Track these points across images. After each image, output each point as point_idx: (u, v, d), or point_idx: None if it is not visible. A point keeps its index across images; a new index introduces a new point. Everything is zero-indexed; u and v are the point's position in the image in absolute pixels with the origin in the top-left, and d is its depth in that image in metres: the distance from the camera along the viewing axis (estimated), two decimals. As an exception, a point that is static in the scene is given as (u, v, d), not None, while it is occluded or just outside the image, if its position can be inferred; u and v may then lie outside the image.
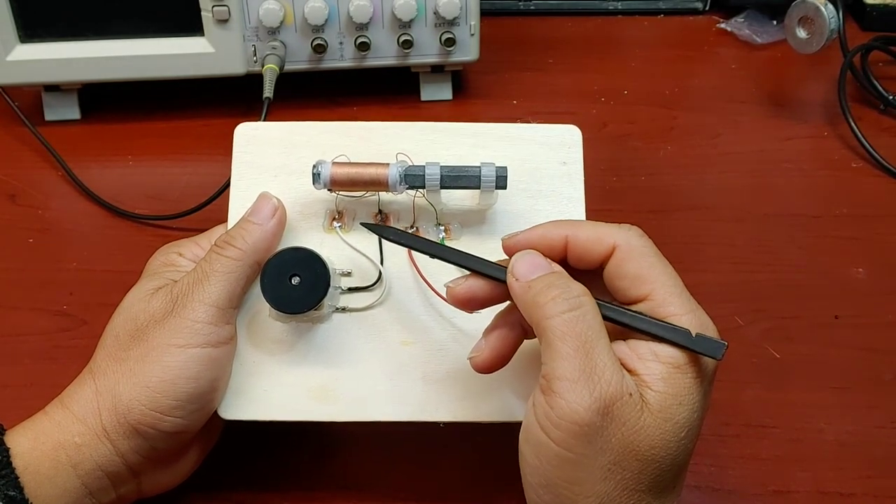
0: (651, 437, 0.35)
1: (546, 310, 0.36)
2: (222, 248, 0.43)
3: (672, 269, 0.38)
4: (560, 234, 0.39)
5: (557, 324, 0.36)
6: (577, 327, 0.35)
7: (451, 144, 0.47)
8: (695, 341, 0.36)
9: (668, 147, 0.70)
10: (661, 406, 0.35)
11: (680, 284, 0.38)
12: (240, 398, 0.44)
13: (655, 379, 0.36)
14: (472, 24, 0.69)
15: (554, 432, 0.35)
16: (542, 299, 0.37)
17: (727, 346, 0.36)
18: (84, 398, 0.42)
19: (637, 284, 0.38)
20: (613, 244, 0.38)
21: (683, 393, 0.36)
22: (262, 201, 0.45)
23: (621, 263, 0.38)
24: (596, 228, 0.39)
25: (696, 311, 0.37)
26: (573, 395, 0.34)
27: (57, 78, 0.69)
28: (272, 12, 0.66)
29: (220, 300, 0.42)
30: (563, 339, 0.35)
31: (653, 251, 0.38)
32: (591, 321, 0.36)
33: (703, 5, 0.85)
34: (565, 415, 0.34)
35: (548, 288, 0.37)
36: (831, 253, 0.61)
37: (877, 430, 0.50)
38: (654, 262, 0.38)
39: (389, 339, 0.44)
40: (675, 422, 0.35)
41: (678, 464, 0.36)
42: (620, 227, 0.39)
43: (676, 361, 0.36)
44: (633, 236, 0.39)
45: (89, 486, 0.41)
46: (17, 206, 0.66)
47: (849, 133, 0.69)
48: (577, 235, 0.39)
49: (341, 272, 0.45)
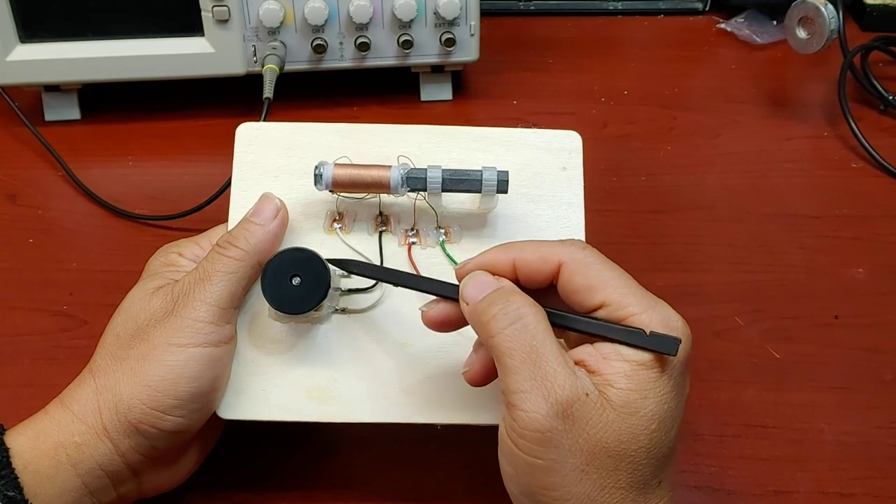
0: (618, 432, 0.35)
1: (489, 328, 0.37)
2: (225, 248, 0.43)
3: (622, 272, 0.39)
4: (507, 259, 0.40)
5: (501, 340, 0.37)
6: (519, 340, 0.36)
7: (452, 148, 0.47)
8: (649, 340, 0.36)
9: (668, 147, 0.70)
10: (624, 401, 0.36)
11: (633, 284, 0.38)
12: (239, 398, 0.44)
13: (618, 377, 0.36)
14: (472, 25, 0.69)
15: (521, 442, 0.36)
16: (485, 318, 0.37)
17: (681, 341, 0.36)
18: (84, 397, 0.42)
19: (590, 294, 0.38)
20: (559, 261, 0.39)
21: (647, 387, 0.36)
22: (264, 202, 0.45)
23: (570, 278, 0.38)
24: (540, 248, 0.40)
25: (655, 306, 0.38)
26: (529, 404, 0.35)
27: (57, 78, 0.69)
28: (272, 12, 0.66)
29: (221, 300, 0.42)
30: (508, 353, 0.36)
31: (598, 259, 0.39)
32: (534, 330, 0.36)
33: (703, 5, 0.85)
34: (527, 424, 0.35)
35: (488, 307, 0.38)
36: (831, 253, 0.61)
37: (877, 431, 0.50)
38: (602, 269, 0.38)
39: (389, 340, 0.44)
40: (641, 415, 0.36)
41: (655, 456, 0.36)
42: (563, 244, 0.40)
43: (641, 358, 0.36)
44: (576, 250, 0.39)
45: (89, 485, 0.41)
46: (17, 206, 0.66)
47: (849, 133, 0.69)
48: (524, 257, 0.39)
49: (341, 273, 0.45)
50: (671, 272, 0.59)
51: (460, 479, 0.48)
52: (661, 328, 0.37)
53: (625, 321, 0.37)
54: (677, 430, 0.38)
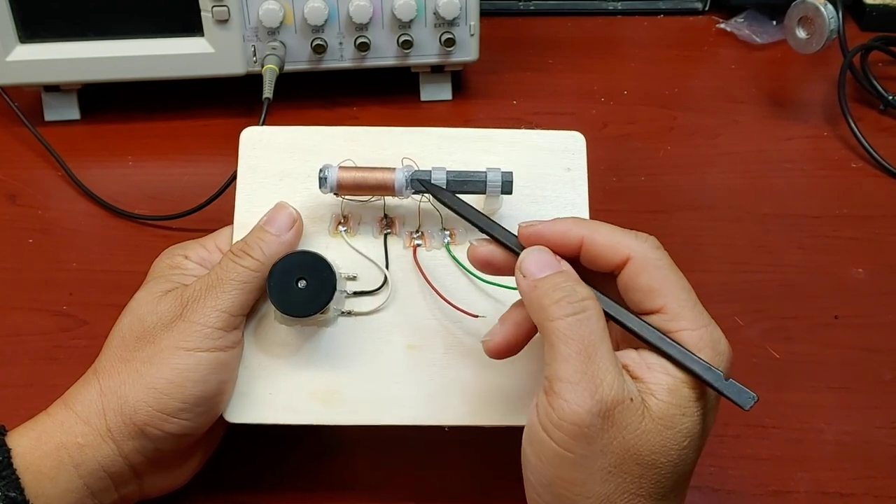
0: (652, 442, 0.35)
1: (550, 312, 0.36)
2: (239, 256, 0.43)
3: (686, 283, 0.38)
4: (577, 235, 0.39)
5: (560, 326, 0.36)
6: (580, 331, 0.36)
7: (456, 150, 0.47)
8: (726, 385, 0.36)
9: (668, 147, 0.70)
10: (664, 413, 0.35)
11: (693, 298, 0.38)
12: (245, 401, 0.44)
13: (661, 388, 0.36)
14: (472, 25, 0.69)
15: (555, 433, 0.35)
16: (547, 301, 0.37)
17: (758, 399, 0.36)
18: (88, 399, 0.42)
19: (650, 297, 0.38)
20: (628, 255, 0.38)
21: (687, 404, 0.36)
22: (279, 211, 0.44)
23: (635, 276, 0.38)
24: (612, 235, 0.39)
25: (708, 325, 0.37)
26: (574, 396, 0.35)
27: (57, 78, 0.69)
28: (272, 12, 0.66)
29: (232, 307, 0.42)
30: (565, 341, 0.36)
31: (667, 263, 0.38)
32: (595, 326, 0.36)
33: (703, 5, 0.85)
34: (566, 416, 0.35)
35: (553, 290, 0.37)
36: (831, 253, 0.61)
37: (877, 430, 0.50)
38: (668, 274, 0.38)
39: (394, 342, 0.44)
40: (676, 430, 0.35)
41: (679, 472, 0.36)
42: (637, 237, 0.39)
43: (684, 376, 0.36)
44: (649, 248, 0.38)
45: (91, 486, 0.41)
46: (17, 206, 0.65)
47: (849, 133, 0.69)
48: (594, 240, 0.39)
49: (346, 276, 0.45)
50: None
51: (461, 480, 0.48)
52: (709, 349, 0.36)
53: (674, 334, 0.37)
54: (701, 450, 0.38)
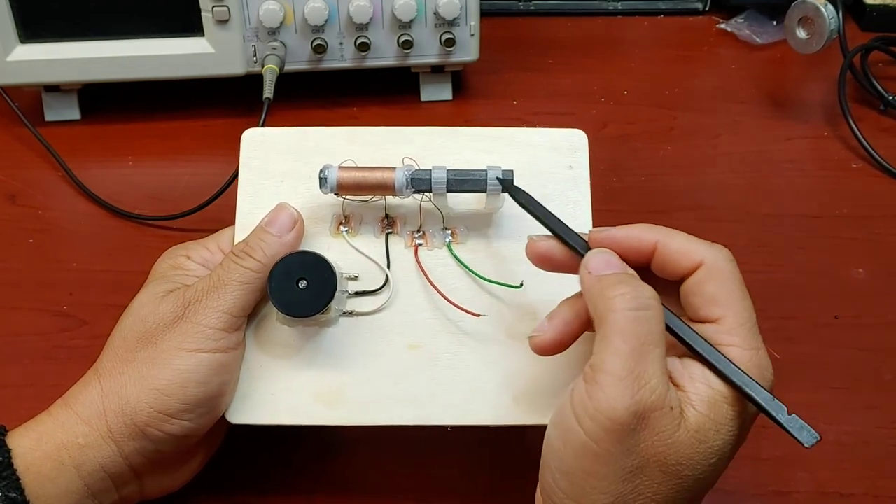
0: (681, 453, 0.35)
1: (613, 303, 0.36)
2: (241, 257, 0.43)
3: (750, 303, 0.38)
4: (651, 239, 0.39)
5: (620, 318, 0.36)
6: (638, 327, 0.35)
7: (457, 149, 0.47)
8: (788, 420, 0.36)
9: (668, 147, 0.70)
10: (699, 427, 0.35)
11: (753, 320, 0.38)
12: (247, 402, 0.44)
13: (700, 400, 0.36)
14: (472, 25, 0.69)
15: (587, 422, 0.35)
16: (611, 293, 0.36)
17: (820, 439, 0.36)
18: (89, 399, 0.42)
19: (710, 306, 0.37)
20: (701, 260, 0.38)
21: (723, 421, 0.36)
22: (281, 212, 0.44)
23: (703, 282, 0.38)
24: (688, 242, 0.39)
25: (759, 349, 0.37)
26: (615, 391, 0.34)
27: (57, 78, 0.69)
28: (272, 13, 0.66)
29: (234, 308, 0.42)
30: (621, 334, 0.35)
31: (736, 278, 0.38)
32: (654, 326, 0.36)
33: (703, 5, 0.85)
34: (602, 408, 0.34)
35: (618, 283, 0.37)
36: (831, 253, 0.61)
37: (877, 431, 0.50)
38: (734, 288, 0.38)
39: (396, 342, 0.44)
40: (708, 445, 0.35)
41: (701, 486, 0.36)
42: (712, 247, 0.39)
43: (724, 391, 0.36)
44: (723, 258, 0.38)
45: (91, 487, 0.41)
46: (17, 206, 0.65)
47: (849, 133, 0.69)
48: (668, 244, 0.39)
49: (348, 276, 0.45)
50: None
51: (463, 480, 0.48)
52: (755, 373, 0.36)
53: (722, 347, 0.37)
54: (725, 469, 0.37)
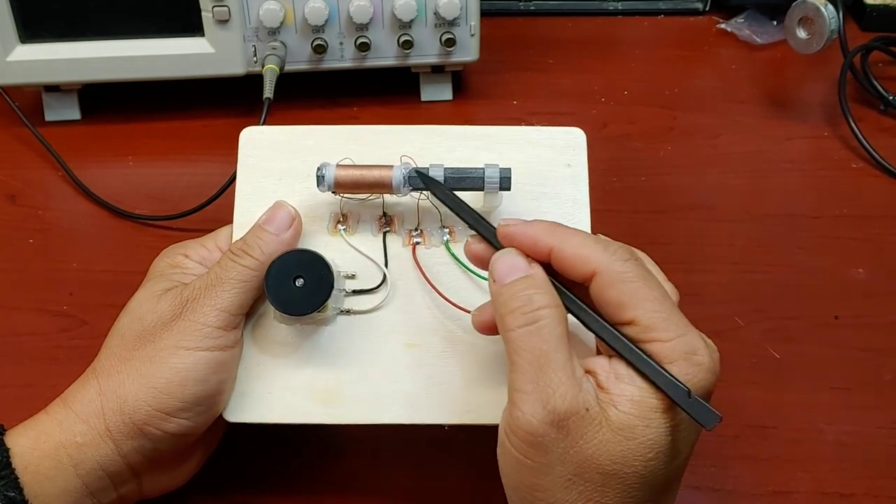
0: (611, 452, 0.35)
1: (505, 322, 0.37)
2: (238, 256, 0.43)
3: (660, 292, 0.37)
4: (546, 245, 0.38)
5: (514, 337, 0.36)
6: (530, 342, 0.36)
7: (455, 147, 0.47)
8: (689, 403, 0.35)
9: (668, 147, 0.70)
10: (623, 424, 0.35)
11: (668, 307, 0.36)
12: (245, 401, 0.44)
13: (624, 399, 0.35)
14: (472, 25, 0.69)
15: (513, 440, 0.36)
16: (503, 311, 0.37)
17: (721, 419, 0.35)
18: (87, 398, 0.42)
19: (620, 311, 0.37)
20: (594, 269, 0.37)
21: (652, 416, 0.35)
22: (278, 210, 0.44)
23: (602, 290, 0.37)
24: (581, 247, 0.37)
25: (685, 335, 0.36)
26: (527, 406, 0.35)
27: (57, 78, 0.69)
28: (272, 12, 0.66)
29: (232, 306, 0.42)
30: (518, 352, 0.36)
31: (637, 274, 0.37)
32: (548, 336, 0.36)
33: (703, 5, 0.85)
34: (521, 425, 0.35)
35: (510, 299, 0.37)
36: (831, 253, 0.61)
37: (877, 431, 0.50)
38: (637, 286, 0.37)
39: (394, 341, 0.44)
40: (638, 441, 0.35)
41: (649, 483, 0.36)
42: (606, 249, 0.37)
43: (652, 387, 0.36)
44: (616, 261, 0.37)
45: (90, 485, 0.41)
46: (17, 206, 0.65)
47: (849, 133, 0.69)
48: (563, 251, 0.38)
49: (345, 274, 0.45)
50: (671, 272, 0.58)
51: (464, 479, 0.48)
52: (682, 361, 0.35)
53: (647, 345, 0.36)
54: (682, 463, 0.37)
